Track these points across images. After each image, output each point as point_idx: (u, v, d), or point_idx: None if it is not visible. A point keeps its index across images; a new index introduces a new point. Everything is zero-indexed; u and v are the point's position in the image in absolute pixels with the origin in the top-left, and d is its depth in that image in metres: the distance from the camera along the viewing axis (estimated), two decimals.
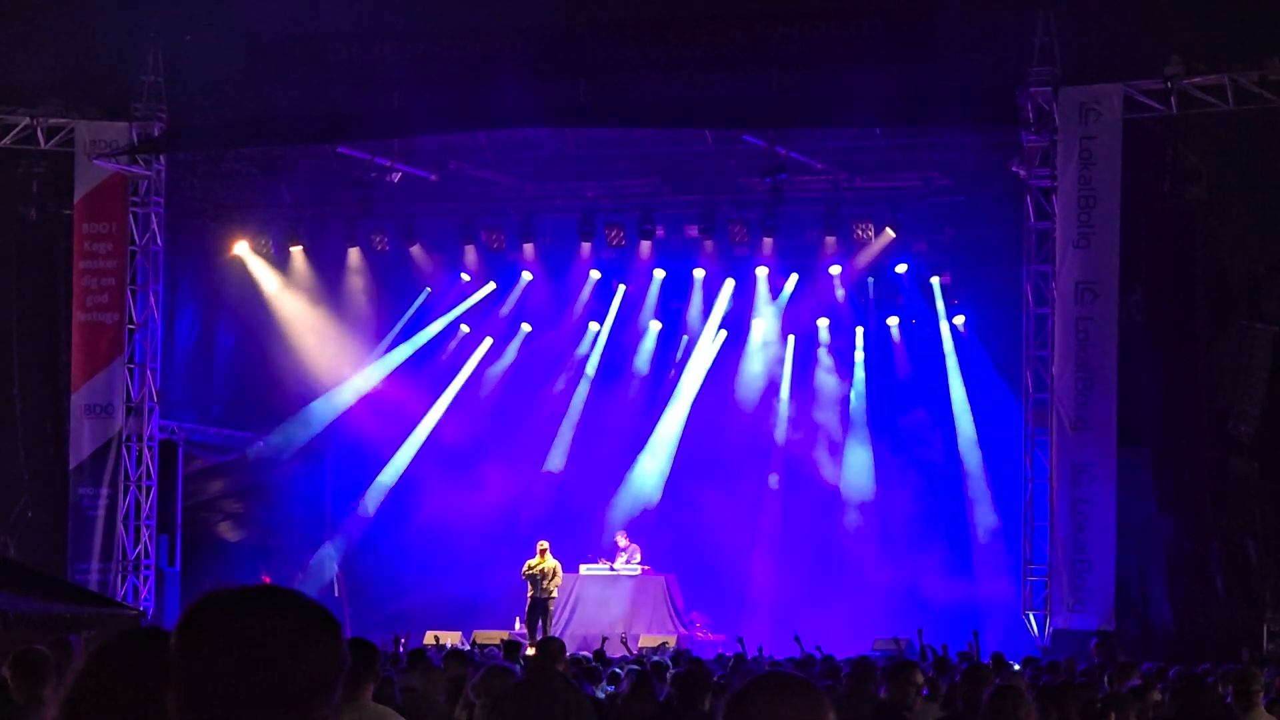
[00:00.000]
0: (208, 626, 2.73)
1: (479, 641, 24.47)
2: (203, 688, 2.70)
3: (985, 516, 27.54)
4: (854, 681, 12.10)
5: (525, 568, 26.21)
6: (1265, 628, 23.69)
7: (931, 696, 11.97)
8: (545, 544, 26.56)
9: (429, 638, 25.52)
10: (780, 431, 29.97)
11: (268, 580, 25.39)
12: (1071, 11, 24.38)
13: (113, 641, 3.28)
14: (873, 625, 26.11)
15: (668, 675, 12.93)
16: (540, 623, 25.76)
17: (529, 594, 26.10)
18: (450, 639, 25.31)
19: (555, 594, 26.20)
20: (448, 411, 30.89)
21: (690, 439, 30.32)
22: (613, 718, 11.60)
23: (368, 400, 30.47)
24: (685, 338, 30.70)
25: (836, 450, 29.47)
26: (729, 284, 29.94)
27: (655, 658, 17.37)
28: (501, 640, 20.67)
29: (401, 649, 20.35)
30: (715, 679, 12.19)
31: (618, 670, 15.64)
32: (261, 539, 29.69)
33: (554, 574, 26.11)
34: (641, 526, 29.18)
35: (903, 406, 29.31)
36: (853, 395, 29.68)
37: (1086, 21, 24.50)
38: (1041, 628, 23.85)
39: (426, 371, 30.98)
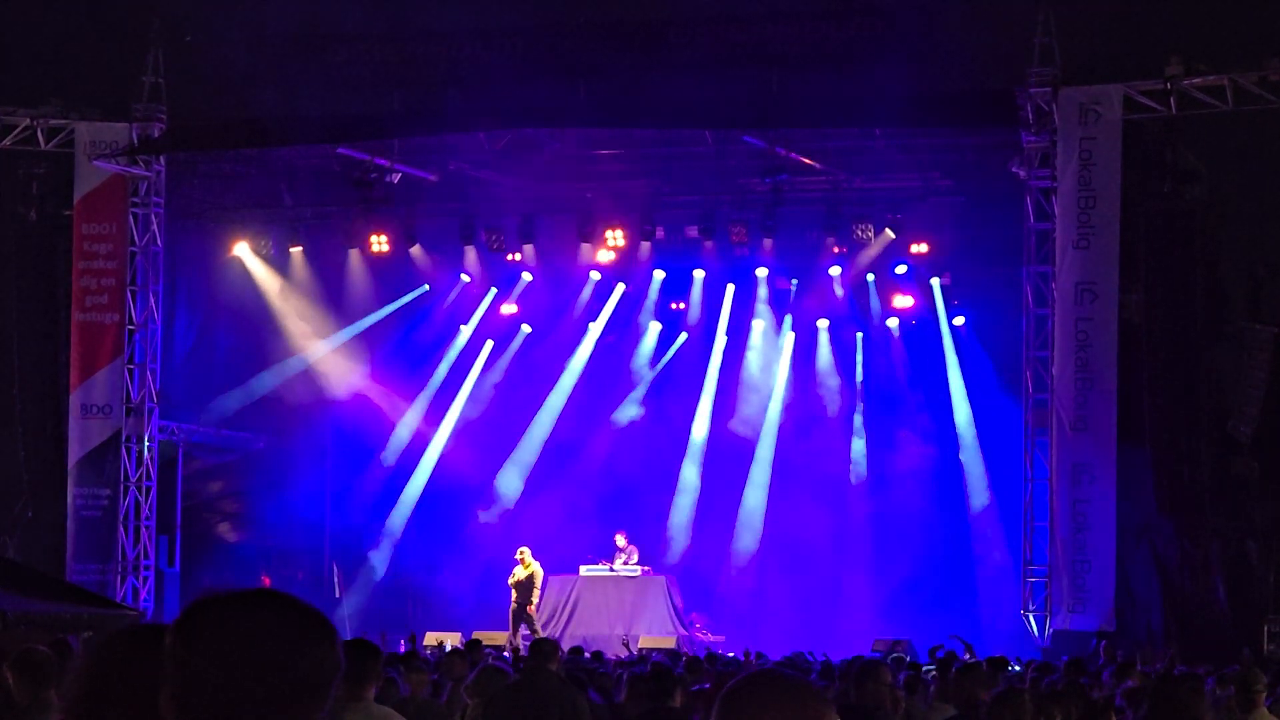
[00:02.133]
0: (203, 630, 2.74)
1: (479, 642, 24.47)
2: (198, 690, 2.71)
3: (985, 517, 27.52)
4: (843, 682, 12.09)
5: (511, 578, 26.50)
6: (1265, 628, 23.69)
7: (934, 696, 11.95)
8: (525, 550, 26.76)
9: (429, 638, 25.52)
10: (780, 432, 29.93)
11: (267, 582, 25.42)
12: (1071, 12, 24.40)
13: (117, 637, 3.28)
14: (872, 626, 26.11)
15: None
16: (525, 628, 25.89)
17: (513, 601, 26.36)
18: (450, 639, 25.30)
19: (536, 599, 26.39)
20: (450, 413, 30.89)
21: (690, 439, 30.31)
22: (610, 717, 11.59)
23: (367, 400, 30.46)
24: (684, 337, 30.69)
25: (836, 450, 29.44)
26: (730, 288, 29.91)
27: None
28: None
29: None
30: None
31: (618, 672, 15.61)
32: (261, 539, 29.66)
33: (534, 580, 26.31)
34: (640, 527, 29.15)
35: (902, 407, 29.29)
36: (853, 396, 29.67)
37: (1086, 22, 24.52)
38: (1041, 628, 23.85)
39: (427, 371, 30.97)
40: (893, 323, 29.53)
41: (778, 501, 29.59)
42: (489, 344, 31.23)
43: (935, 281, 28.69)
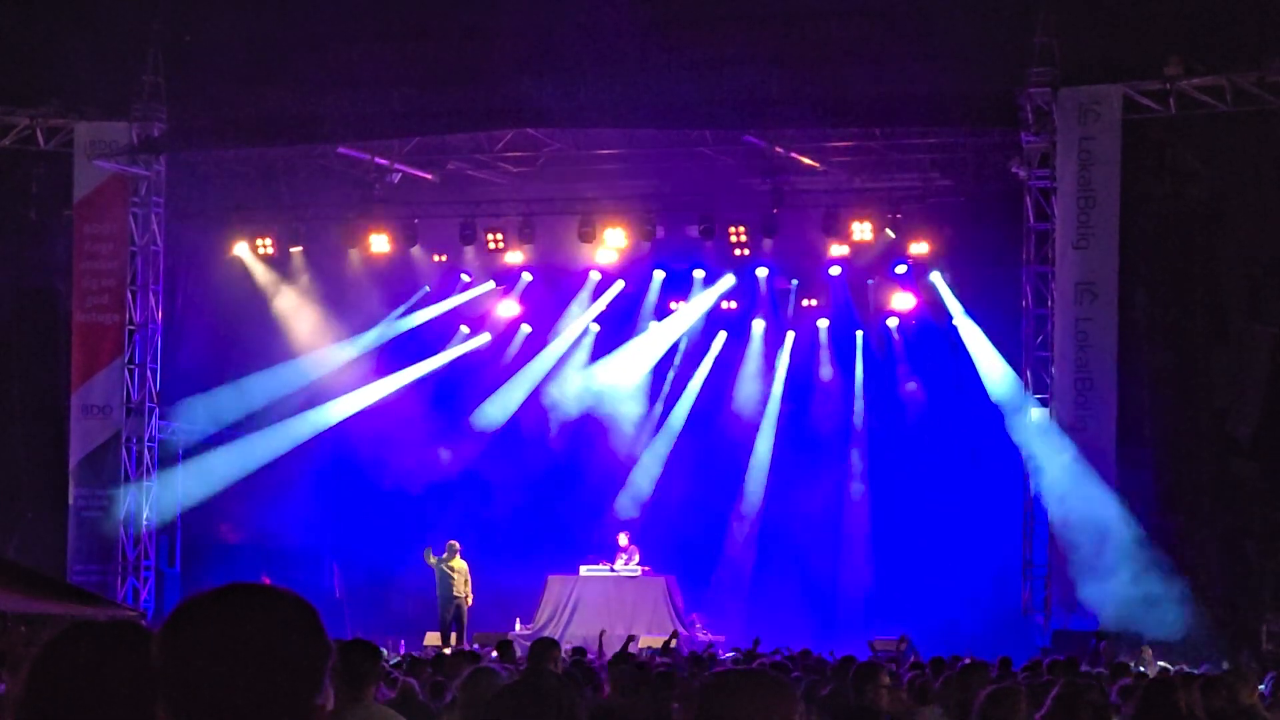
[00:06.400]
0: (184, 632, 2.74)
1: (478, 643, 24.48)
2: (188, 692, 2.71)
3: (985, 517, 27.50)
4: (837, 681, 12.10)
5: (432, 557, 26.03)
6: (1264, 628, 23.69)
7: (924, 697, 11.96)
8: (456, 544, 26.47)
9: (429, 638, 25.54)
10: (780, 432, 29.93)
11: (268, 581, 25.39)
12: (1071, 11, 24.39)
13: (60, 638, 3.22)
14: (871, 625, 26.11)
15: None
16: (455, 629, 25.57)
17: (439, 594, 25.92)
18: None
19: (469, 598, 26.05)
20: (448, 413, 30.88)
21: (689, 440, 30.31)
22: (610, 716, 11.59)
23: (366, 400, 30.44)
24: (684, 338, 30.68)
25: (836, 450, 29.45)
26: (728, 280, 29.84)
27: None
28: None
29: None
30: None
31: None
32: (261, 539, 29.66)
33: (463, 577, 25.97)
34: (641, 527, 29.16)
35: (902, 407, 29.29)
36: (853, 396, 29.67)
37: (1086, 21, 24.51)
38: (1042, 628, 23.84)
39: (425, 374, 30.96)
40: (893, 323, 29.54)
41: (777, 501, 29.59)
42: (485, 337, 31.27)
43: (937, 276, 28.63)
